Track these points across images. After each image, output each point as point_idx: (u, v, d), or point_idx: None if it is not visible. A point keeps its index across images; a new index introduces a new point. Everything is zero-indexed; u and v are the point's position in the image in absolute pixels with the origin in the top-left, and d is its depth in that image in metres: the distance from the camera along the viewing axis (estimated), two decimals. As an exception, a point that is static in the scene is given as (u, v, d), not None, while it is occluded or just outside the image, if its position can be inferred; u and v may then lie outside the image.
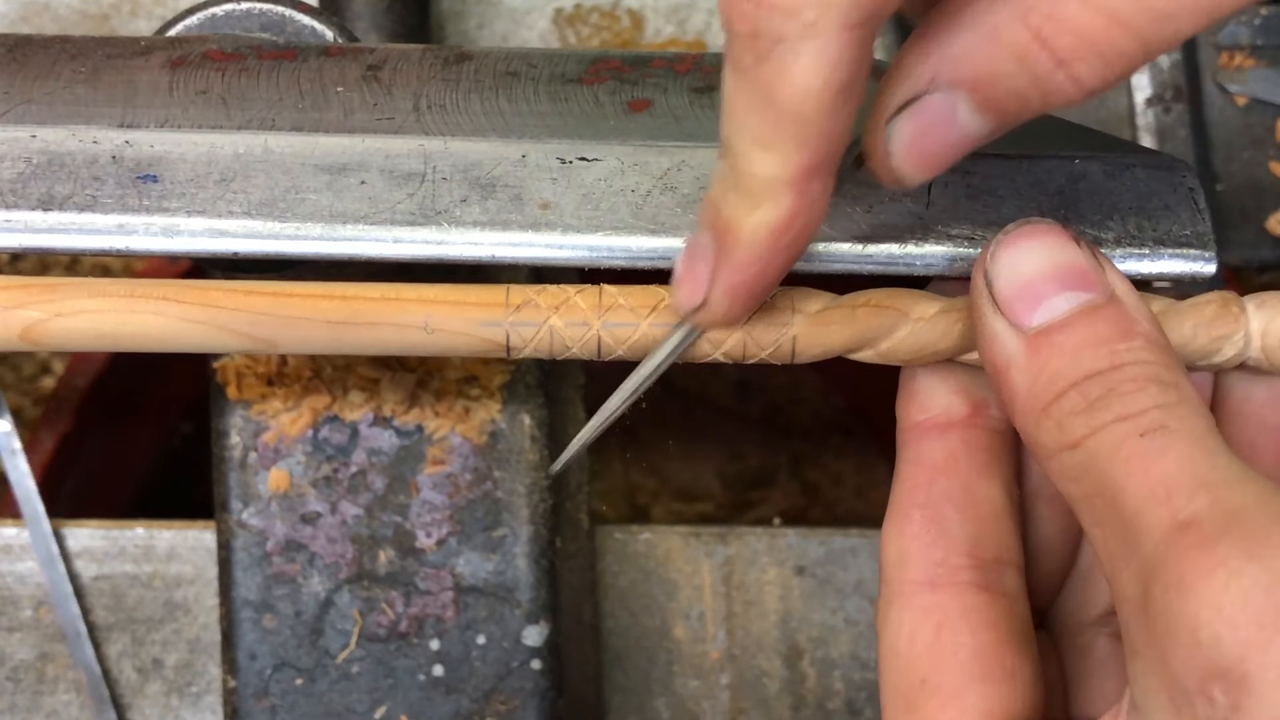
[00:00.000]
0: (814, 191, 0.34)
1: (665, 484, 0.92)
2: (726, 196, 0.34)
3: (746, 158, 0.33)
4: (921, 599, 0.37)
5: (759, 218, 0.34)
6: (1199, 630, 0.29)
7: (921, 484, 0.39)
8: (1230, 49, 0.66)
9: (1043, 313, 0.35)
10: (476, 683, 0.51)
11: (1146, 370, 0.33)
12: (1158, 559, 0.30)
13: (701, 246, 0.36)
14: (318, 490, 0.52)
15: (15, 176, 0.41)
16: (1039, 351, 0.34)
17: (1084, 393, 0.33)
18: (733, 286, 0.36)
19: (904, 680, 0.37)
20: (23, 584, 0.59)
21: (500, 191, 0.41)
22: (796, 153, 0.33)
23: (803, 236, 0.35)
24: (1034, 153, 0.42)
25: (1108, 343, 0.34)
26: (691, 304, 0.36)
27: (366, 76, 0.44)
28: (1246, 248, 0.65)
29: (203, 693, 0.59)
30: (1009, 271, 0.36)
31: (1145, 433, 0.32)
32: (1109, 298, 0.35)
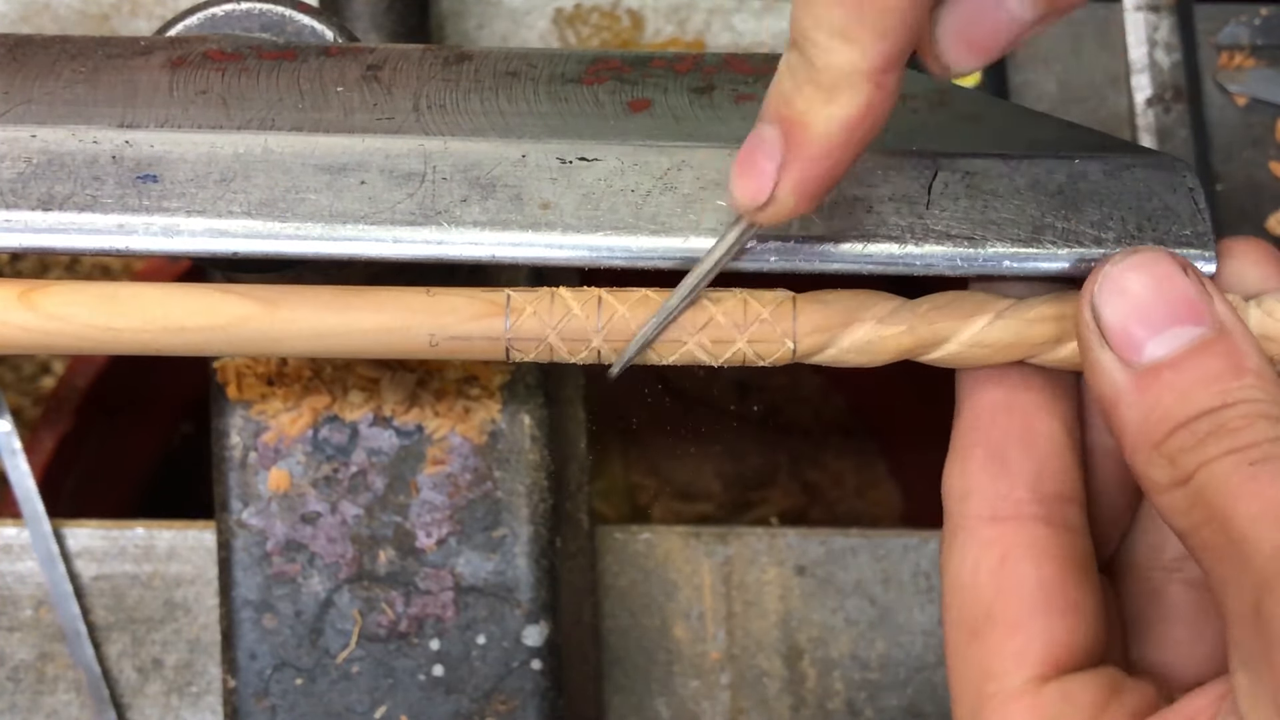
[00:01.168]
0: (890, 83, 0.34)
1: (665, 484, 0.92)
2: (800, 89, 0.34)
3: (826, 49, 0.33)
4: (985, 532, 0.37)
5: (835, 110, 0.34)
6: None
7: (982, 423, 0.39)
8: (1230, 49, 0.66)
9: (1152, 349, 0.35)
10: (476, 683, 0.51)
11: (1257, 407, 0.34)
12: (1267, 576, 0.31)
13: (766, 141, 0.35)
14: (318, 490, 0.52)
15: (15, 176, 0.41)
16: (1149, 389, 0.34)
17: (1194, 431, 0.33)
18: (803, 180, 0.35)
19: (968, 612, 0.37)
20: (23, 584, 0.59)
21: (500, 191, 0.41)
22: (878, 43, 0.32)
23: (874, 129, 0.34)
24: (1034, 153, 0.42)
25: (1219, 381, 0.34)
26: (756, 201, 0.36)
27: (366, 76, 0.44)
28: (1246, 248, 0.65)
29: (203, 693, 0.59)
30: (1117, 303, 0.36)
31: (1255, 462, 0.32)
32: (1219, 331, 0.35)
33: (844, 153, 0.35)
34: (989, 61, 0.35)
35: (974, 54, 0.35)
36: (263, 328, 0.40)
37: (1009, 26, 0.34)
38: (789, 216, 0.37)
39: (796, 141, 0.35)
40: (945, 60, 0.35)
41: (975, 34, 0.35)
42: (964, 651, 0.37)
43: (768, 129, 0.35)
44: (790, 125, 0.34)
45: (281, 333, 0.40)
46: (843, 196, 0.41)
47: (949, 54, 0.35)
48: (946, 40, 0.35)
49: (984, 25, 0.34)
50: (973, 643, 0.37)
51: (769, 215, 0.36)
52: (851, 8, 0.32)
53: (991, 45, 0.35)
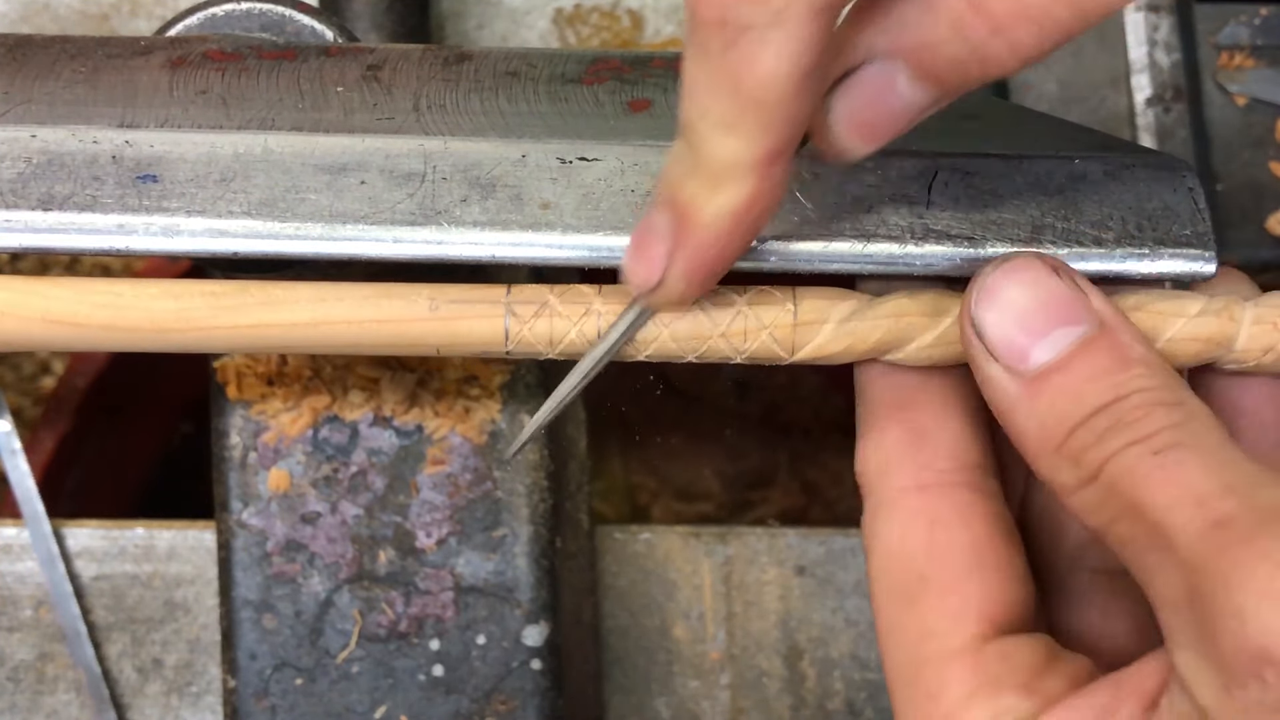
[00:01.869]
0: (776, 175, 0.34)
1: (665, 484, 0.92)
2: (686, 179, 0.34)
3: (710, 141, 0.33)
4: (910, 501, 0.38)
5: (720, 201, 0.34)
6: (1247, 621, 0.30)
7: (897, 402, 0.39)
8: (1230, 49, 0.66)
9: (1037, 355, 0.35)
10: (476, 683, 0.51)
11: (1150, 396, 0.34)
12: (1198, 559, 0.31)
13: (658, 227, 0.35)
14: (318, 490, 0.52)
15: (15, 176, 0.41)
16: (1041, 395, 0.35)
17: (1092, 428, 0.34)
18: (691, 268, 0.36)
19: (901, 579, 0.37)
20: (23, 584, 0.59)
21: (500, 191, 0.41)
22: (761, 137, 0.33)
23: (762, 219, 0.35)
24: (1034, 153, 0.42)
25: (1107, 375, 0.34)
26: (647, 285, 0.36)
27: (366, 76, 0.44)
28: (1246, 248, 0.65)
29: (203, 693, 0.59)
30: (995, 316, 0.36)
31: (1159, 451, 0.33)
32: (1099, 328, 0.35)
33: (731, 241, 0.35)
34: (881, 146, 0.35)
35: (868, 139, 0.35)
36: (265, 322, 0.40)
37: (902, 111, 0.35)
38: (680, 301, 0.37)
39: (684, 229, 0.35)
40: (839, 146, 0.35)
41: (869, 119, 0.35)
42: (899, 619, 0.37)
43: (658, 215, 0.35)
44: (678, 213, 0.35)
45: (282, 325, 0.40)
46: (843, 196, 0.41)
47: (842, 140, 0.35)
48: (840, 126, 0.35)
49: (877, 110, 0.35)
50: (908, 609, 0.37)
51: (659, 299, 0.37)
52: (736, 100, 0.32)
53: (885, 129, 0.35)
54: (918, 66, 0.33)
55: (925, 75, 0.34)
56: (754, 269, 0.40)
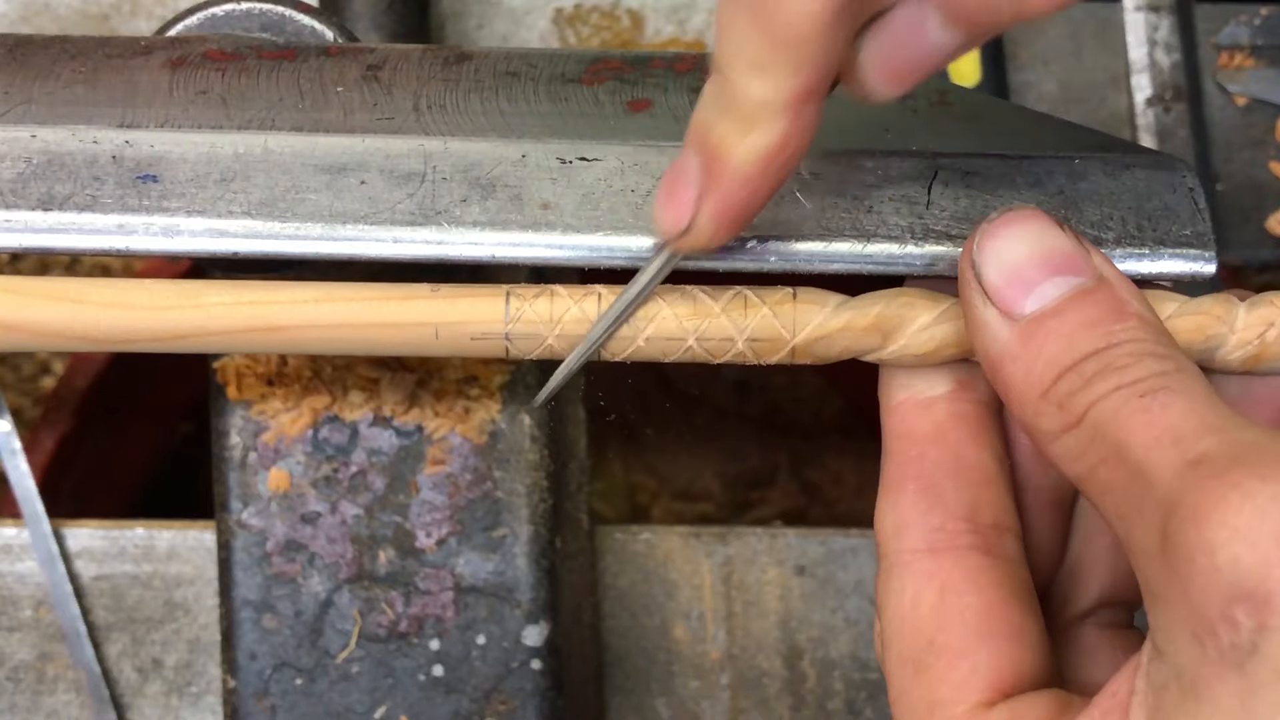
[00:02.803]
0: (808, 115, 0.34)
1: (665, 484, 0.92)
2: (718, 120, 0.34)
3: (742, 80, 0.33)
4: (922, 564, 0.37)
5: (752, 142, 0.34)
6: (1217, 554, 0.29)
7: (912, 456, 0.39)
8: (1230, 49, 0.66)
9: (1034, 300, 0.35)
10: (476, 683, 0.51)
11: (1141, 346, 0.33)
12: (1172, 498, 0.30)
13: (687, 170, 0.35)
14: (318, 490, 0.52)
15: (15, 176, 0.41)
16: (1033, 338, 0.34)
17: (1080, 372, 0.33)
18: (720, 211, 0.35)
19: (910, 644, 0.37)
20: (23, 584, 0.59)
21: (500, 191, 0.41)
22: (794, 75, 0.32)
23: (793, 161, 0.34)
24: (1034, 153, 0.42)
25: (1101, 324, 0.34)
26: (676, 229, 0.36)
27: (366, 76, 0.44)
28: (1246, 248, 0.65)
29: (203, 693, 0.59)
30: (996, 260, 0.35)
31: (1145, 394, 0.32)
32: (1098, 280, 0.35)
33: (762, 183, 0.35)
34: (910, 88, 0.35)
35: (897, 81, 0.35)
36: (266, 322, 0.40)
37: (931, 54, 0.34)
38: (709, 245, 0.37)
39: (715, 171, 0.35)
40: (868, 88, 0.35)
41: (898, 62, 0.35)
42: (909, 687, 0.36)
43: (689, 157, 0.35)
44: (709, 154, 0.35)
45: (284, 326, 0.40)
46: (843, 196, 0.41)
47: (872, 82, 0.35)
48: (869, 68, 0.35)
49: (907, 53, 0.34)
50: (917, 676, 0.36)
51: (688, 243, 0.37)
52: (767, 39, 0.32)
53: (914, 72, 0.35)
54: (949, 9, 0.33)
55: (957, 18, 0.33)
56: (754, 269, 0.40)
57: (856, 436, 0.93)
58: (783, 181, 0.35)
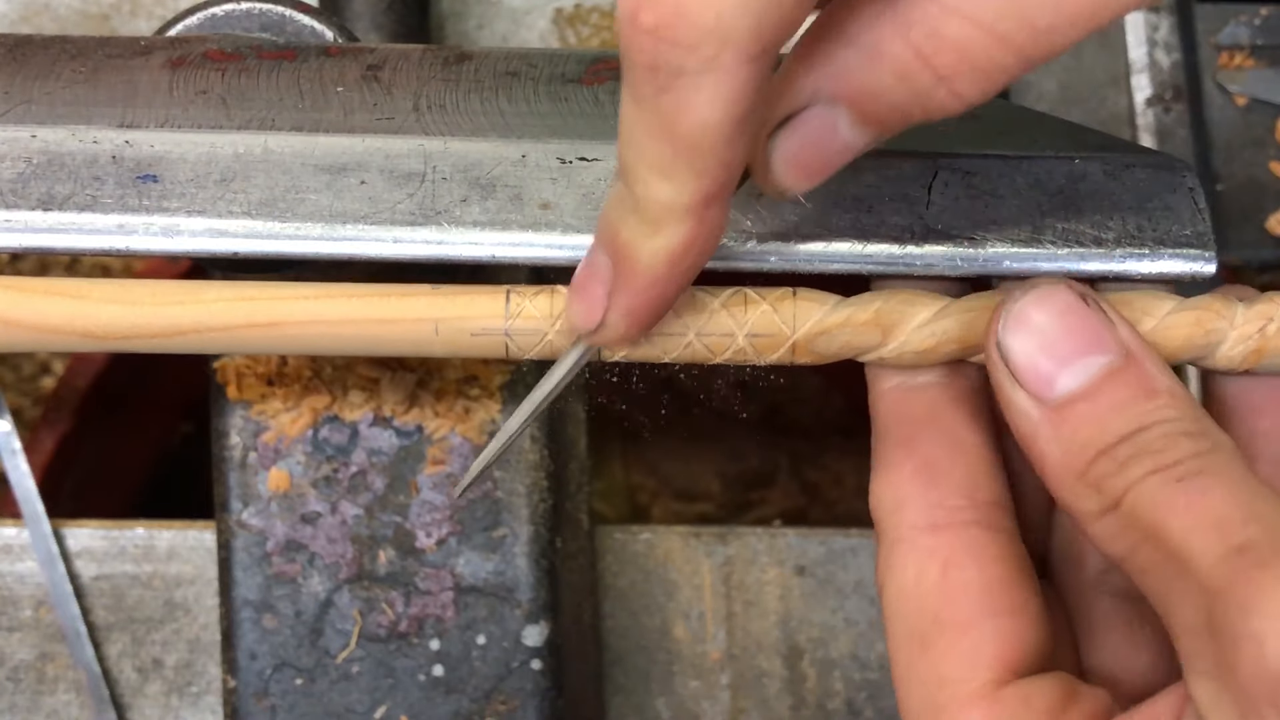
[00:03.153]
0: (712, 217, 0.34)
1: (665, 484, 0.92)
2: (625, 220, 0.34)
3: (645, 184, 0.33)
4: (924, 540, 0.37)
5: (657, 243, 0.34)
6: (1265, 644, 0.30)
7: (907, 435, 0.39)
8: (1230, 49, 0.66)
9: (1064, 382, 0.35)
10: (476, 683, 0.51)
11: (1175, 426, 0.34)
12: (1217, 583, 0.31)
13: (598, 267, 0.36)
14: (318, 490, 0.52)
15: (15, 176, 0.41)
16: (1065, 423, 0.35)
17: (1115, 456, 0.34)
18: (631, 309, 0.36)
19: (915, 621, 0.37)
20: (23, 584, 0.59)
21: (500, 191, 0.41)
22: (695, 181, 0.33)
23: (700, 260, 0.35)
24: (1034, 153, 0.42)
25: (1133, 405, 0.34)
26: (589, 325, 0.37)
27: (366, 76, 0.44)
28: (1246, 248, 0.65)
29: (203, 693, 0.59)
30: (1022, 343, 0.36)
31: (1182, 478, 0.33)
32: (1126, 357, 0.35)
33: (670, 282, 0.35)
34: (819, 183, 0.36)
35: (807, 177, 0.35)
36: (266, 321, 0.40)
37: (842, 151, 0.35)
38: (622, 341, 0.37)
39: (623, 271, 0.35)
40: (781, 184, 0.36)
41: (810, 160, 0.35)
42: (914, 663, 0.37)
43: (599, 255, 0.36)
44: (617, 255, 0.35)
45: (284, 321, 0.40)
46: (843, 196, 0.41)
47: (784, 179, 0.35)
48: (781, 166, 0.35)
49: (818, 152, 0.35)
50: (923, 652, 0.37)
51: (601, 338, 0.37)
52: (669, 146, 0.32)
53: (826, 168, 0.35)
54: (860, 111, 0.34)
55: (867, 119, 0.34)
56: (754, 269, 0.40)
57: (856, 436, 0.93)
58: (692, 278, 0.36)
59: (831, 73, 0.33)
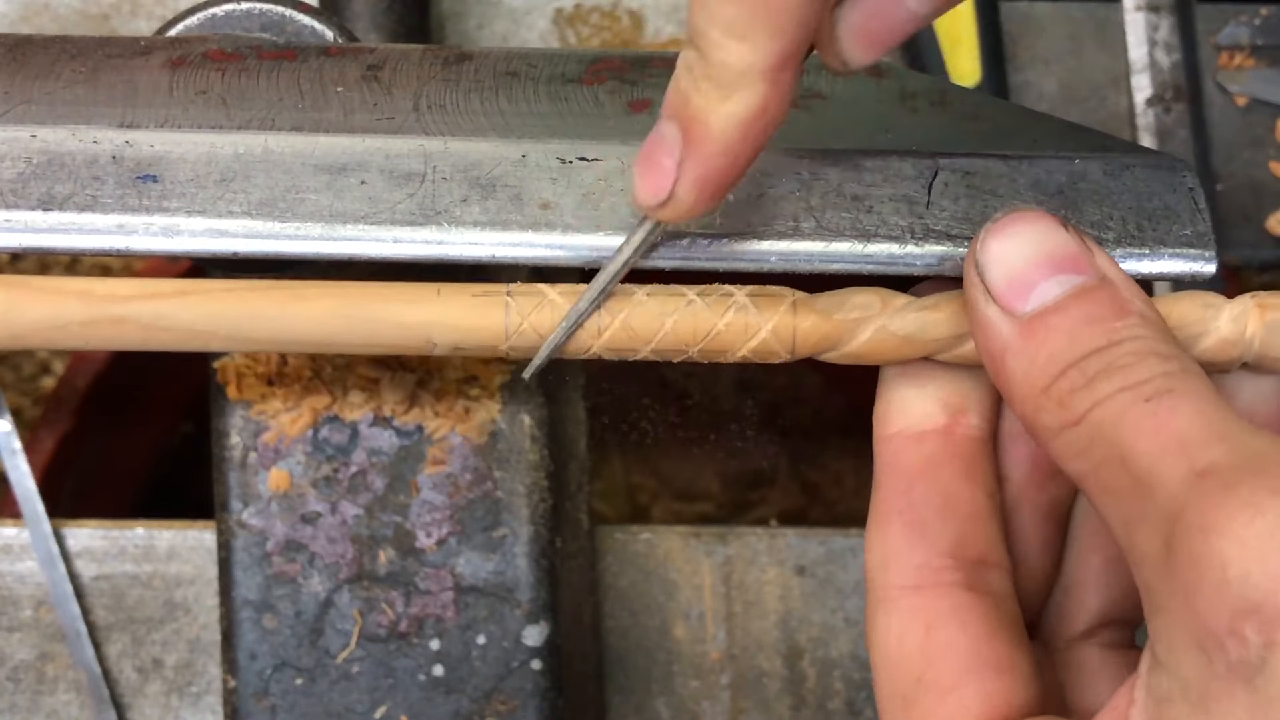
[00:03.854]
0: (785, 81, 0.34)
1: (665, 484, 0.92)
2: (697, 86, 0.34)
3: (720, 46, 0.33)
4: (907, 601, 0.37)
5: (731, 107, 0.34)
6: (1227, 568, 0.29)
7: (901, 490, 0.39)
8: (1230, 49, 0.66)
9: (1036, 297, 0.35)
10: (476, 683, 0.51)
11: (1144, 344, 0.33)
12: (1178, 507, 0.30)
13: (666, 138, 0.35)
14: (318, 490, 0.52)
15: (15, 176, 0.41)
16: (1034, 335, 0.34)
17: (1083, 370, 0.33)
18: (701, 178, 0.35)
19: (899, 682, 0.37)
20: (23, 584, 0.59)
21: (500, 191, 0.41)
22: (771, 41, 0.33)
23: (771, 126, 0.35)
24: (1034, 153, 0.42)
25: (1103, 321, 0.34)
26: (657, 198, 0.36)
27: (366, 76, 0.44)
28: (1246, 248, 0.65)
29: (203, 693, 0.59)
30: (999, 259, 0.36)
31: (1150, 398, 0.32)
32: (1100, 279, 0.35)
33: (741, 150, 0.35)
34: (884, 54, 0.36)
35: (872, 49, 0.35)
36: (266, 320, 0.40)
37: (907, 20, 0.35)
38: (690, 215, 0.37)
39: (694, 139, 0.35)
40: (844, 56, 0.36)
41: (874, 29, 0.35)
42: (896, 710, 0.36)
43: (667, 126, 0.35)
44: (688, 123, 0.35)
45: (283, 326, 0.40)
46: (843, 196, 0.41)
47: (848, 50, 0.36)
48: (846, 36, 0.35)
49: (883, 20, 0.35)
50: (906, 712, 0.36)
51: (669, 213, 0.36)
52: (745, 5, 0.32)
53: (890, 38, 0.35)
54: None
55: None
56: (754, 269, 0.40)
57: (856, 436, 0.93)
58: (762, 148, 0.35)
59: None
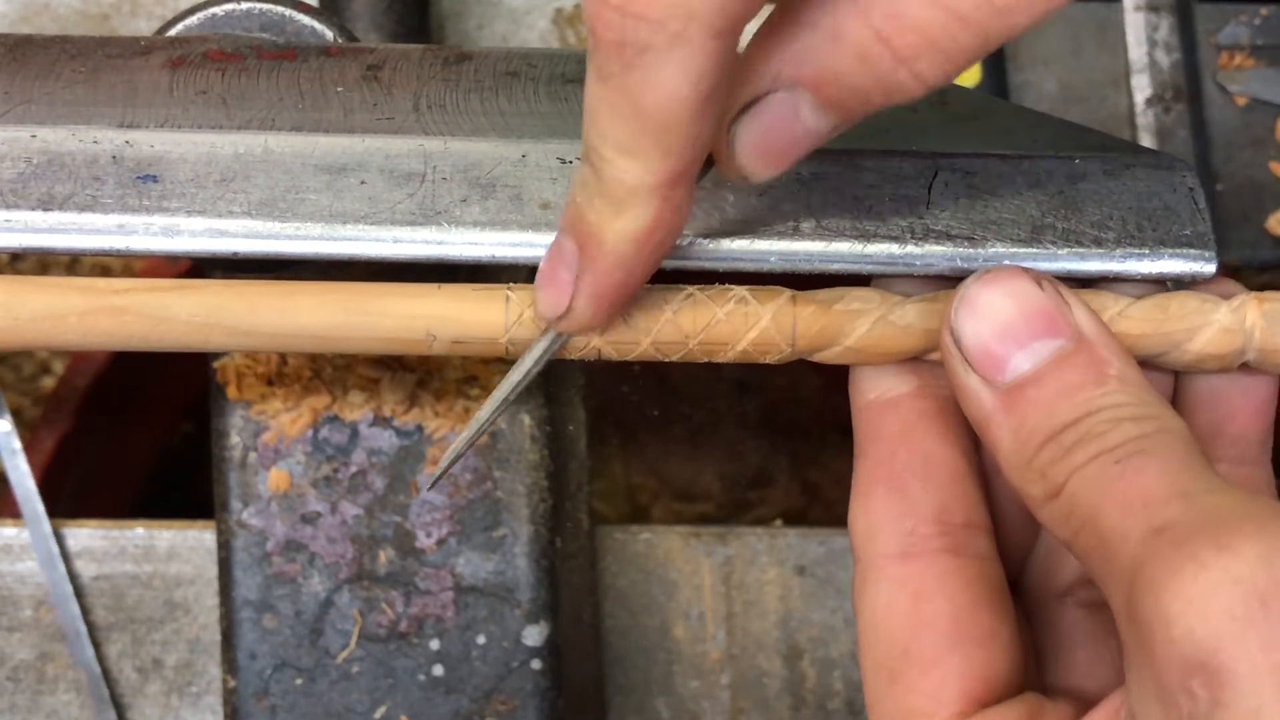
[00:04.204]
0: (678, 198, 0.34)
1: (665, 484, 0.92)
2: (590, 203, 0.34)
3: (611, 164, 0.33)
4: (895, 570, 0.37)
5: (623, 225, 0.34)
6: (1172, 626, 0.29)
7: (882, 459, 0.39)
8: (1230, 49, 0.66)
9: (1013, 367, 0.35)
10: (476, 683, 0.51)
11: (1121, 411, 0.33)
12: (1136, 565, 0.30)
13: (564, 252, 0.36)
14: (318, 490, 0.52)
15: (15, 176, 0.41)
16: (1014, 407, 0.34)
17: (1060, 443, 0.33)
18: (597, 293, 0.36)
19: (885, 652, 0.37)
20: (23, 584, 0.59)
21: (500, 191, 0.41)
22: (662, 160, 0.33)
23: (666, 243, 0.35)
24: (1034, 153, 0.42)
25: (1080, 390, 0.34)
26: (556, 311, 0.37)
27: (366, 76, 0.44)
28: (1246, 248, 0.65)
29: (203, 693, 0.59)
30: (974, 327, 0.36)
31: (1120, 460, 0.32)
32: (1077, 342, 0.35)
33: (635, 265, 0.35)
34: (783, 170, 0.35)
35: (770, 163, 0.35)
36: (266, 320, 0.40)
37: (805, 137, 0.35)
38: (590, 326, 0.37)
39: (589, 255, 0.35)
40: (744, 170, 0.35)
41: (772, 145, 0.35)
42: (883, 695, 0.37)
43: (565, 240, 0.35)
44: (583, 239, 0.35)
45: (284, 319, 0.40)
46: (843, 196, 0.41)
47: (747, 165, 0.35)
48: (744, 152, 0.35)
49: (781, 137, 0.35)
50: (891, 685, 0.36)
51: (568, 324, 0.37)
52: (634, 124, 0.32)
53: (789, 154, 0.35)
54: (822, 96, 0.33)
55: (829, 104, 0.33)
56: (754, 269, 0.40)
57: (856, 436, 0.93)
58: (658, 264, 0.36)
59: (792, 57, 0.33)
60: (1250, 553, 0.29)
